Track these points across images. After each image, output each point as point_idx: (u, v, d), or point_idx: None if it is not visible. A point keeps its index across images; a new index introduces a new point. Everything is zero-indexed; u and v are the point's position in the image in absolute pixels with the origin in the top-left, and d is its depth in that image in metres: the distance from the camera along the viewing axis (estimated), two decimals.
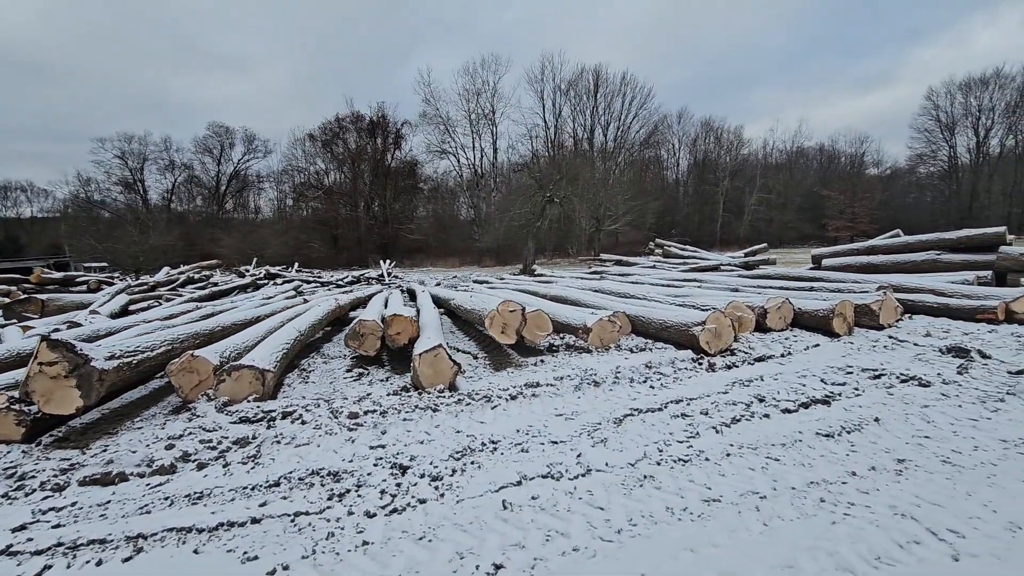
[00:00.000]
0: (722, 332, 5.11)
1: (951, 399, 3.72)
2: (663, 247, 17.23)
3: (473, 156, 43.97)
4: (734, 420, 3.47)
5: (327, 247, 48.79)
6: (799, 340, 5.57)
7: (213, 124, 51.38)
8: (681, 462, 2.87)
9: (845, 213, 48.18)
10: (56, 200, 49.13)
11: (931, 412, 3.47)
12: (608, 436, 3.27)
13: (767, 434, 3.23)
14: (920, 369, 4.46)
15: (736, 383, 4.28)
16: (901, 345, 5.23)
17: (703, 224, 54.06)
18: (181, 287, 13.18)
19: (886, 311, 5.75)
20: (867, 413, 3.50)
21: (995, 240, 8.10)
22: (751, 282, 8.15)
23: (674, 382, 4.41)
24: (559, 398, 4.07)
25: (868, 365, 4.61)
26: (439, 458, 3.04)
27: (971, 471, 2.57)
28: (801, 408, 3.69)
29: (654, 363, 4.82)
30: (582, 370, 4.82)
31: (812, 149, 57.57)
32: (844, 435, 3.16)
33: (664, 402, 3.89)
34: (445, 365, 4.24)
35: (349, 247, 48.89)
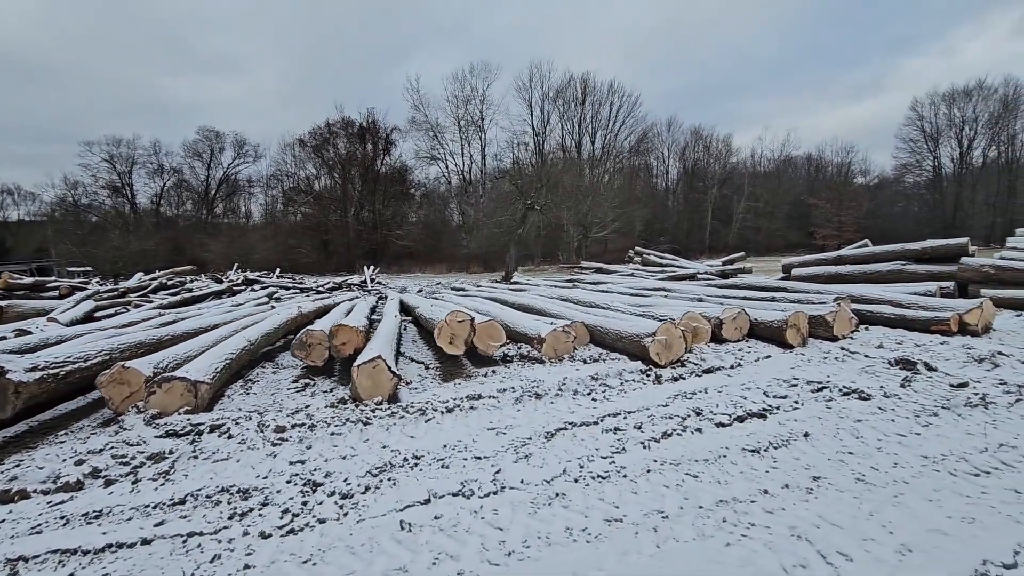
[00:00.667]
0: (673, 343, 5.08)
1: (887, 413, 3.70)
2: (642, 255, 17.26)
3: (462, 162, 44.02)
4: (665, 435, 3.43)
5: (317, 252, 48.59)
6: (752, 351, 5.56)
7: (203, 128, 51.17)
8: (599, 479, 2.82)
9: (832, 222, 48.64)
10: (43, 203, 48.52)
11: (862, 427, 3.45)
12: (534, 451, 3.22)
13: (694, 449, 3.19)
14: (865, 382, 4.45)
15: (679, 396, 4.25)
16: (852, 357, 5.23)
17: (692, 232, 54.41)
18: (152, 293, 13.01)
19: (840, 322, 5.76)
20: (799, 428, 3.47)
21: (957, 251, 8.16)
22: (718, 292, 8.16)
23: (618, 394, 4.36)
24: (497, 411, 4.01)
25: (814, 377, 4.59)
26: (356, 474, 2.97)
27: (881, 489, 2.54)
28: (736, 422, 3.65)
29: (601, 375, 4.78)
30: (530, 381, 4.76)
31: (800, 158, 58.20)
32: (770, 451, 3.13)
33: (601, 415, 3.84)
34: (384, 377, 4.17)
35: (339, 253, 48.70)
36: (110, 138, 47.03)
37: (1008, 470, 2.70)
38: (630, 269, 15.81)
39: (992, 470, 2.71)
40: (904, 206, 53.42)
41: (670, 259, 16.43)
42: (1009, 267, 7.42)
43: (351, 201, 51.77)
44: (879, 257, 9.08)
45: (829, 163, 58.63)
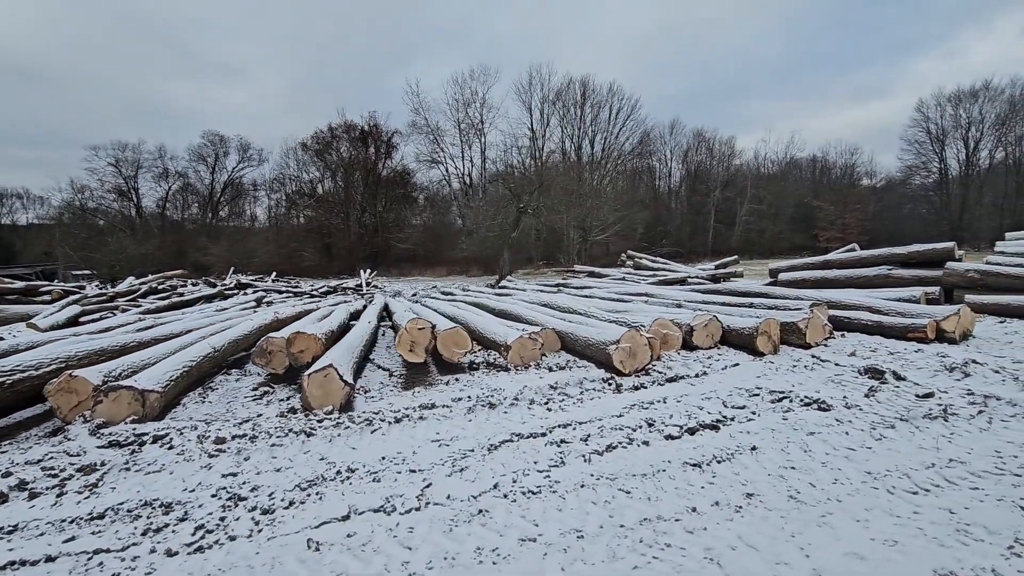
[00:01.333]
0: (637, 351, 5.00)
1: (843, 425, 3.61)
2: (635, 259, 17.15)
3: (462, 165, 44.03)
4: (609, 447, 3.35)
5: (319, 256, 48.77)
6: (722, 359, 5.46)
7: (208, 132, 51.60)
8: (528, 494, 2.75)
9: (836, 224, 48.29)
10: (51, 207, 48.99)
11: (814, 440, 3.35)
12: (471, 464, 3.15)
13: (635, 463, 3.11)
14: (829, 392, 4.35)
15: (635, 406, 4.16)
16: (822, 365, 5.12)
17: (695, 234, 54.14)
18: (142, 297, 13.05)
19: (813, 329, 5.65)
20: (749, 441, 3.38)
21: (944, 255, 8.02)
22: (699, 297, 8.05)
23: (575, 404, 4.28)
24: (447, 421, 3.95)
25: (778, 387, 4.50)
26: (284, 488, 2.91)
27: (811, 508, 2.46)
28: (686, 434, 3.57)
29: (562, 383, 4.71)
30: (490, 390, 4.70)
31: (805, 160, 57.73)
32: (712, 465, 3.04)
33: (551, 427, 3.77)
34: (335, 386, 4.12)
35: (341, 256, 48.85)
36: (116, 143, 47.46)
37: (949, 488, 2.60)
38: (622, 273, 15.71)
39: (933, 488, 2.61)
40: (912, 208, 52.91)
41: (662, 263, 16.30)
42: (994, 272, 7.28)
43: (353, 204, 51.96)
44: (866, 262, 8.94)
45: (834, 165, 58.22)
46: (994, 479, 2.67)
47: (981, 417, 3.66)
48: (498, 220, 23.17)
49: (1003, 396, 4.05)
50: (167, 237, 46.84)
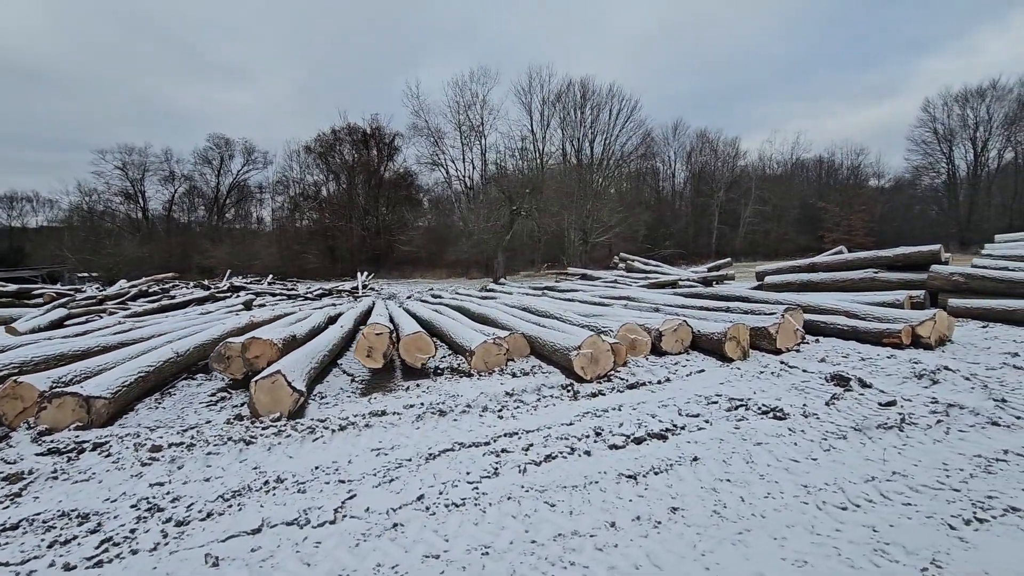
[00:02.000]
0: (599, 357, 4.91)
1: (795, 435, 3.51)
2: (627, 261, 17.02)
3: (463, 168, 44.00)
4: (549, 457, 3.28)
5: (324, 258, 48.96)
6: (689, 365, 5.36)
7: (213, 136, 52.04)
8: (452, 507, 2.68)
9: (841, 225, 47.84)
10: (61, 210, 49.52)
11: (760, 451, 3.26)
12: (403, 475, 3.08)
13: (570, 474, 3.03)
14: (790, 400, 4.24)
15: (589, 414, 4.08)
16: (789, 371, 5.01)
17: (699, 236, 53.85)
18: (132, 300, 13.10)
19: (784, 334, 5.54)
20: (693, 451, 3.29)
21: (930, 258, 7.87)
22: (680, 300, 7.94)
23: (528, 412, 4.21)
24: (393, 429, 3.88)
25: (739, 394, 4.40)
26: (206, 499, 2.85)
27: (732, 524, 2.36)
28: (632, 444, 3.48)
29: (519, 390, 4.63)
30: (448, 396, 4.63)
31: (811, 161, 57.14)
32: (648, 477, 2.96)
33: (497, 435, 3.69)
34: (284, 392, 4.06)
35: (344, 259, 49.01)
36: (123, 146, 47.94)
37: (882, 504, 2.50)
38: (613, 276, 15.60)
39: (865, 503, 2.52)
40: (921, 210, 52.29)
41: (654, 265, 16.16)
42: (979, 276, 7.11)
43: (356, 207, 52.13)
44: (851, 265, 8.79)
45: (840, 166, 57.64)
46: (931, 494, 2.57)
47: (939, 427, 3.55)
48: (492, 223, 23.07)
49: (967, 405, 3.93)
50: (172, 239, 47.22)
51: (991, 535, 2.17)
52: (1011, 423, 3.58)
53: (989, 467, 2.86)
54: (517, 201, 21.13)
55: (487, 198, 30.63)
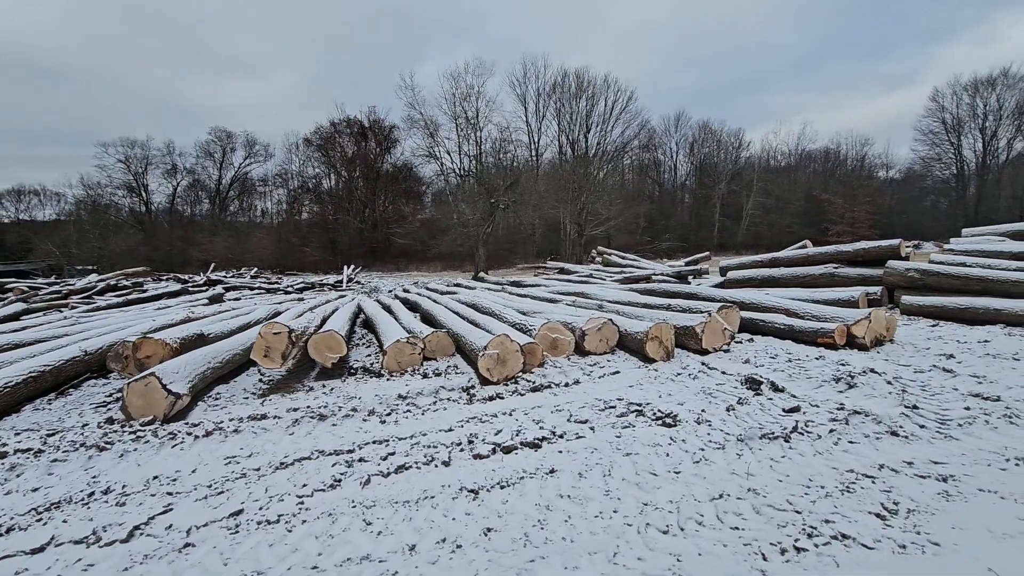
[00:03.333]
0: (507, 358, 4.71)
1: (674, 445, 3.30)
2: (603, 255, 16.75)
3: (459, 160, 43.65)
4: (403, 468, 3.09)
5: (323, 251, 48.92)
6: (608, 366, 5.14)
7: (215, 129, 52.07)
8: (262, 524, 2.50)
9: (845, 218, 47.11)
10: (67, 203, 49.84)
11: (626, 462, 3.06)
12: (236, 487, 2.91)
13: (414, 487, 2.84)
14: (693, 404, 4.03)
15: (474, 419, 3.89)
16: (708, 374, 4.79)
17: (701, 228, 53.28)
18: (99, 295, 13.04)
19: (710, 334, 5.30)
20: (556, 462, 3.10)
21: (889, 253, 7.57)
22: (627, 296, 7.70)
23: (415, 416, 4.02)
24: (264, 435, 3.71)
25: (640, 399, 4.19)
26: (17, 512, 2.69)
27: (533, 550, 2.17)
28: (500, 453, 3.29)
29: (414, 392, 4.45)
30: (346, 398, 4.48)
31: (818, 152, 56.11)
32: (494, 491, 2.77)
33: (366, 442, 3.52)
34: (158, 395, 3.90)
35: (343, 251, 48.98)
36: (125, 139, 48.08)
37: (710, 528, 2.30)
38: (589, 270, 15.33)
39: (692, 527, 2.31)
40: (932, 201, 51.28)
41: (631, 259, 15.88)
42: (934, 272, 6.81)
43: (354, 200, 52.02)
44: (813, 260, 8.50)
45: (847, 157, 56.59)
46: (768, 517, 2.36)
47: (830, 437, 3.33)
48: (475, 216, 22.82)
49: (874, 412, 3.71)
50: (174, 232, 47.36)
51: (798, 568, 1.96)
52: (911, 433, 3.36)
53: (852, 484, 2.65)
54: (495, 194, 20.82)
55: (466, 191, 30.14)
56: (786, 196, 51.70)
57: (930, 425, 3.49)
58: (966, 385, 4.23)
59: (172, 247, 43.73)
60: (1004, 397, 3.90)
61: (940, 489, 2.56)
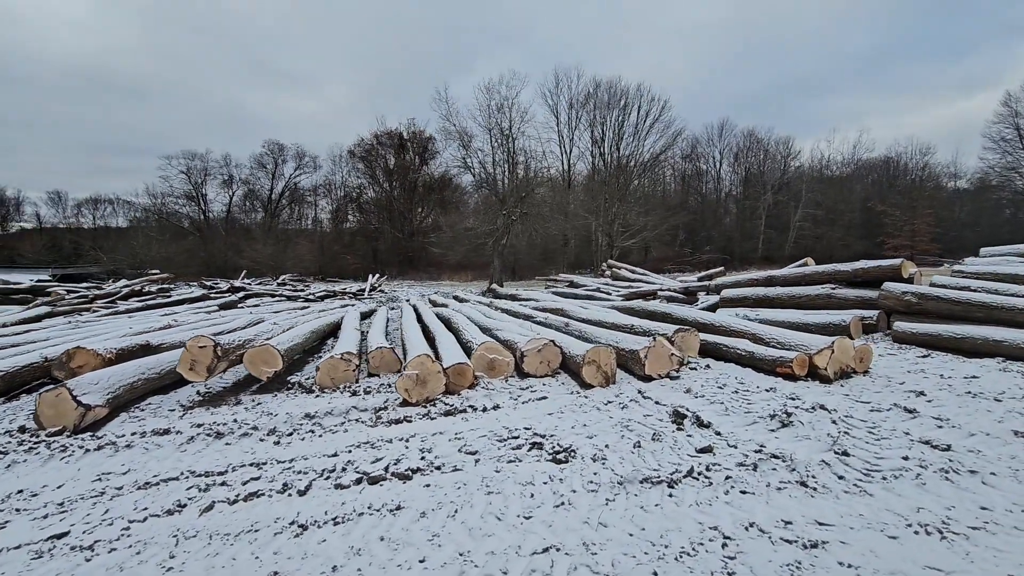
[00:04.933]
0: (428, 379, 4.56)
1: (549, 485, 3.06)
2: (613, 269, 16.28)
3: (493, 171, 43.91)
4: (252, 495, 3.00)
5: (363, 259, 50.43)
6: (541, 390, 4.89)
7: (269, 141, 55.11)
8: (75, 549, 2.46)
9: (904, 230, 44.20)
10: (135, 212, 53.88)
11: (480, 503, 2.84)
12: (79, 508, 2.90)
13: (246, 519, 2.74)
14: (603, 439, 3.75)
15: (366, 444, 3.76)
16: (640, 404, 4.46)
17: (745, 240, 51.37)
18: (123, 299, 13.81)
19: (655, 360, 4.96)
20: (410, 497, 2.93)
21: (890, 273, 6.92)
22: (599, 316, 7.36)
23: (313, 438, 3.93)
24: (156, 451, 3.72)
25: (548, 429, 3.94)
26: None
27: None
28: (365, 484, 3.14)
29: (322, 412, 4.37)
30: (263, 415, 4.46)
31: (876, 161, 52.82)
32: (322, 528, 2.63)
33: (244, 464, 3.45)
34: (68, 407, 3.99)
35: (383, 260, 50.35)
36: (186, 152, 51.68)
37: None
38: (597, 284, 14.93)
39: None
40: (1011, 213, 47.33)
41: (640, 273, 15.35)
42: (932, 296, 6.13)
43: (392, 210, 53.41)
44: (809, 279, 7.88)
45: (907, 166, 53.04)
46: None
47: (725, 484, 3.00)
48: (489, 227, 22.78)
49: (794, 457, 3.33)
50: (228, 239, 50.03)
51: None
52: (822, 484, 2.98)
53: (699, 546, 2.34)
54: (507, 206, 20.72)
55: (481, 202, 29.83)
56: (839, 207, 49.08)
57: (850, 476, 3.08)
58: (922, 429, 3.74)
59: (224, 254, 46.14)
60: (956, 446, 3.41)
61: (794, 559, 2.21)
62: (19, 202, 53.60)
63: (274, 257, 44.67)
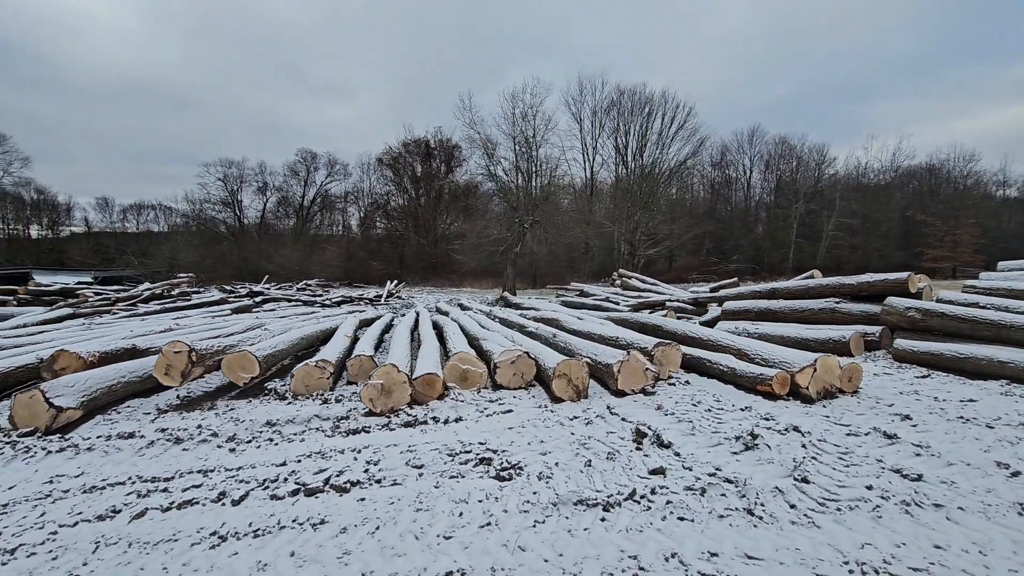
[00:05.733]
0: (393, 389, 4.54)
1: (481, 504, 2.98)
2: (623, 278, 15.99)
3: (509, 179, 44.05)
4: (187, 503, 3.02)
5: (389, 265, 51.25)
6: (510, 402, 4.79)
7: (302, 150, 56.89)
8: (2, 552, 2.50)
9: (945, 241, 42.25)
10: (175, 218, 56.28)
11: (404, 522, 2.78)
12: (16, 511, 2.96)
13: (171, 528, 2.75)
14: (559, 455, 3.65)
15: (316, 454, 3.75)
16: (605, 420, 4.33)
17: (775, 250, 49.98)
18: (144, 303, 14.32)
19: (628, 374, 4.81)
20: (340, 511, 2.89)
21: (895, 288, 6.57)
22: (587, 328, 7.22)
23: (269, 446, 3.95)
24: (116, 454, 3.79)
25: (503, 445, 3.85)
26: None
27: None
28: (301, 495, 3.13)
29: (284, 420, 4.39)
30: (231, 421, 4.51)
31: (918, 168, 50.66)
32: (240, 540, 2.61)
33: (192, 470, 3.48)
34: (40, 408, 4.12)
35: (408, 266, 51.09)
36: (224, 160, 53.80)
37: None
38: (606, 293, 14.70)
39: None
40: None
41: (650, 283, 15.04)
42: (937, 312, 5.77)
43: (418, 216, 54.16)
44: (813, 292, 7.55)
45: (950, 174, 50.72)
46: None
47: (664, 510, 2.87)
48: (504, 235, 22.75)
49: (749, 482, 3.16)
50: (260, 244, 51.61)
51: None
52: (770, 514, 2.82)
53: None
54: (520, 213, 20.66)
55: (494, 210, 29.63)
56: (876, 216, 47.28)
57: (802, 505, 2.90)
58: (897, 456, 3.50)
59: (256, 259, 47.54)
60: (929, 477, 3.18)
61: None
62: (70, 208, 56.50)
63: (301, 262, 45.78)
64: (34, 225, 56.32)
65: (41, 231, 56.90)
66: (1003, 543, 2.49)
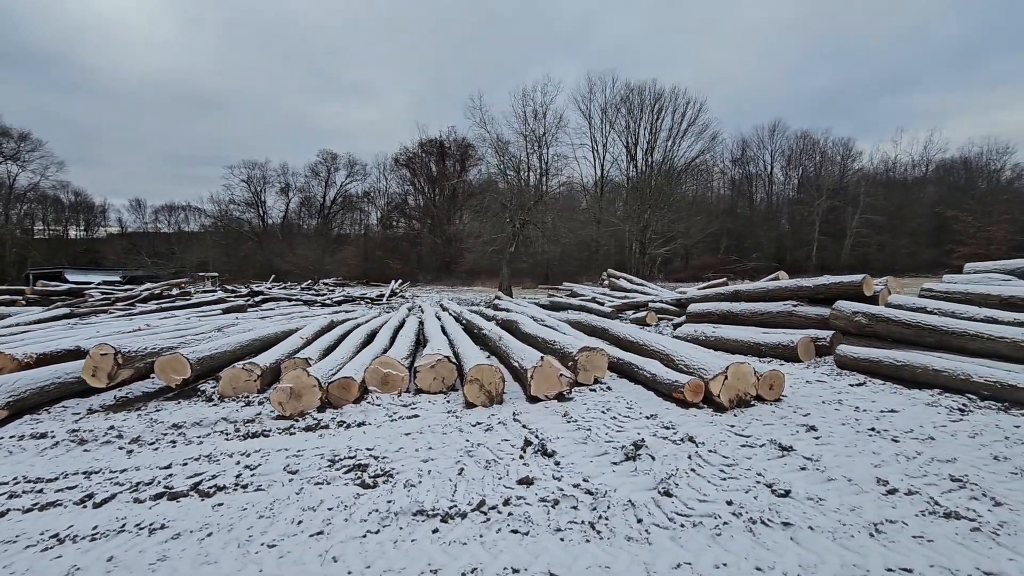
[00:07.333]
0: (302, 393, 4.59)
1: (331, 512, 3.00)
2: (611, 278, 15.79)
3: (530, 177, 43.95)
4: (49, 505, 3.11)
5: (404, 264, 51.89)
6: (419, 408, 4.79)
7: (323, 151, 58.05)
8: None
9: (977, 237, 40.53)
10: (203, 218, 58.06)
11: (240, 531, 2.81)
12: None
13: (24, 531, 2.83)
14: (441, 463, 3.65)
15: (204, 457, 3.82)
16: (507, 427, 4.28)
17: (798, 248, 48.75)
18: (142, 302, 14.80)
19: (542, 380, 4.75)
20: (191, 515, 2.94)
21: (850, 291, 6.32)
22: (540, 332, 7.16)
23: (168, 448, 4.04)
24: (20, 455, 3.93)
25: (386, 451, 3.86)
26: None
27: None
28: (164, 499, 3.19)
29: (192, 422, 4.47)
30: (149, 423, 4.63)
31: (949, 162, 48.63)
32: (77, 542, 2.68)
33: (78, 471, 3.59)
34: None
35: (424, 266, 51.64)
36: (247, 162, 55.25)
37: None
38: (593, 293, 14.55)
39: None
40: None
41: (638, 283, 14.82)
42: (883, 317, 5.52)
43: (431, 216, 54.58)
44: (773, 295, 7.31)
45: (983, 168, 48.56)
46: None
47: (506, 521, 2.84)
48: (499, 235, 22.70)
49: (612, 495, 3.12)
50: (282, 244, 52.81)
51: None
52: (612, 528, 2.77)
53: None
54: (511, 212, 20.58)
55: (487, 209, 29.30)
56: (904, 213, 45.62)
57: (648, 520, 2.83)
58: (780, 471, 3.38)
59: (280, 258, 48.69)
60: (796, 493, 3.06)
61: None
62: (105, 209, 58.77)
63: (317, 262, 46.65)
64: (72, 226, 58.72)
65: (78, 232, 59.28)
66: (831, 567, 2.38)
